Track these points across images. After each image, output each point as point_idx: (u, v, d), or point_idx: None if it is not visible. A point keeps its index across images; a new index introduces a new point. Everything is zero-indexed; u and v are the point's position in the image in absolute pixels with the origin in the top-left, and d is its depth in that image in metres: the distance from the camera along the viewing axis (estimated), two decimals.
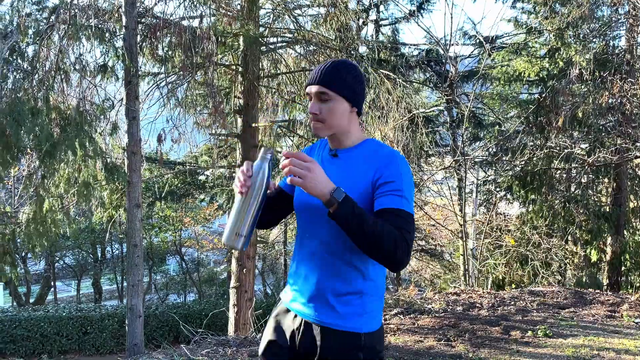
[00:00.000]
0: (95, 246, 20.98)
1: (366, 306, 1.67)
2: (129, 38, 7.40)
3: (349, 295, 1.65)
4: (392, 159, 1.64)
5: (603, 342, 4.97)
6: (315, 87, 1.67)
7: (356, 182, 1.64)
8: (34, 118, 6.33)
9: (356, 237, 1.50)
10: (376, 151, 1.69)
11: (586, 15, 8.88)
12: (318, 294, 1.67)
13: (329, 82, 1.66)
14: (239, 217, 1.55)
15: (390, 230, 1.50)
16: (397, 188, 1.59)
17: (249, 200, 1.54)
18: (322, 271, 1.67)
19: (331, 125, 1.69)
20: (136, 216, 7.59)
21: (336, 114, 1.67)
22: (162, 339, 11.98)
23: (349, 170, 1.69)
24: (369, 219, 1.48)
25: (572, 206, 10.57)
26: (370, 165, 1.64)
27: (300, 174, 1.47)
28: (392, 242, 1.48)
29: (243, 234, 1.55)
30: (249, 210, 1.55)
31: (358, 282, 1.65)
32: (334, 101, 1.67)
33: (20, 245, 13.32)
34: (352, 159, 1.70)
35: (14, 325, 11.89)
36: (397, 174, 1.61)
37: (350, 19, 9.09)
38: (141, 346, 7.59)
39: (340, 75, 1.68)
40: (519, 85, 12.99)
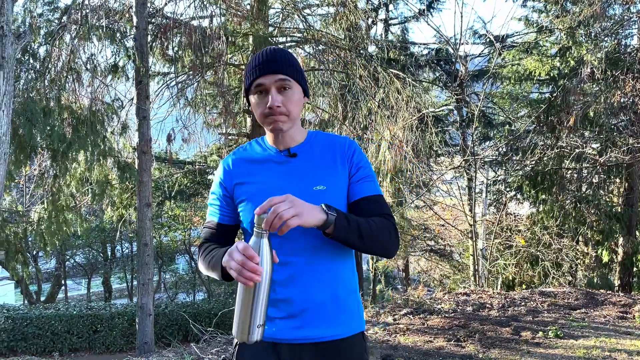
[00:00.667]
0: (106, 245, 21.13)
1: (359, 302, 1.59)
2: (139, 38, 7.44)
3: (348, 296, 1.54)
4: (353, 146, 1.59)
5: (615, 344, 4.93)
6: (273, 76, 1.48)
7: (334, 177, 1.53)
8: (46, 118, 6.39)
9: (355, 244, 1.43)
10: (331, 141, 1.59)
11: (598, 14, 8.80)
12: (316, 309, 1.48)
13: (286, 68, 1.50)
14: (255, 307, 1.29)
15: (382, 223, 1.46)
16: (368, 174, 1.56)
17: (262, 286, 1.29)
18: (316, 283, 1.48)
19: (294, 117, 1.53)
20: (146, 215, 7.63)
21: (298, 102, 1.53)
22: (171, 338, 12.03)
23: (315, 167, 1.54)
24: (362, 224, 1.41)
25: (583, 206, 10.48)
26: (336, 156, 1.55)
27: (291, 214, 1.27)
28: (387, 235, 1.46)
29: (260, 322, 1.31)
30: (263, 296, 1.30)
31: (351, 280, 1.56)
32: (293, 90, 1.51)
33: (32, 243, 13.45)
34: (313, 154, 1.56)
35: (25, 323, 12.00)
36: (364, 159, 1.57)
37: (360, 18, 9.07)
38: (151, 344, 7.64)
39: (290, 59, 1.53)
40: (530, 84, 12.91)
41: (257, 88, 1.50)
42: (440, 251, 14.77)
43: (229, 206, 1.59)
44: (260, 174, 1.54)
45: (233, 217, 1.59)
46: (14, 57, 3.65)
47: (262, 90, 1.49)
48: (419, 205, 13.62)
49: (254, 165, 1.57)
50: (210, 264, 1.47)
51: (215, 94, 9.41)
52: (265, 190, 1.50)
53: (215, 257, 1.45)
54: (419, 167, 9.23)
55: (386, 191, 10.03)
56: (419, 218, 14.53)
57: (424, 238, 14.38)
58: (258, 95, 1.51)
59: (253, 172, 1.56)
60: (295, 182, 1.51)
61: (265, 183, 1.52)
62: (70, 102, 7.38)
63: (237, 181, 1.56)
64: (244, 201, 1.53)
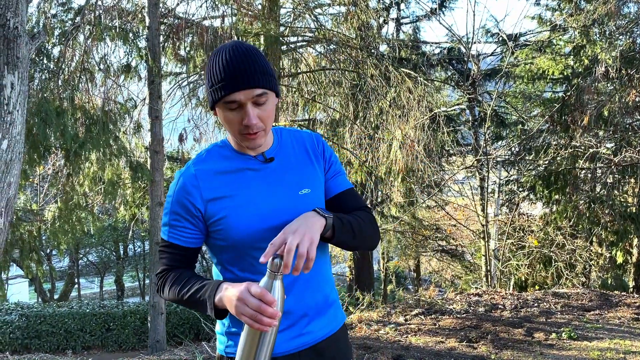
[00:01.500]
0: (118, 244, 21.32)
1: (337, 291, 1.59)
2: (151, 38, 7.49)
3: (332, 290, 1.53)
4: (321, 140, 1.54)
5: (629, 346, 4.87)
6: (249, 91, 1.27)
7: (314, 178, 1.46)
8: (60, 117, 6.45)
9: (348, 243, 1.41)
10: (299, 138, 1.51)
11: (612, 12, 8.69)
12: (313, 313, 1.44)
13: (262, 79, 1.29)
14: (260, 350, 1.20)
15: (366, 217, 1.47)
16: (339, 168, 1.54)
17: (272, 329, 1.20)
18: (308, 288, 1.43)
19: (269, 129, 1.37)
20: (159, 214, 7.68)
21: (272, 114, 1.35)
22: (183, 336, 12.09)
23: (294, 169, 1.44)
24: (352, 222, 1.39)
25: (597, 207, 10.36)
26: (310, 154, 1.49)
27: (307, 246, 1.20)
28: (372, 229, 1.48)
29: None
30: (271, 338, 1.21)
31: (330, 272, 1.54)
32: (270, 100, 1.33)
33: (46, 242, 13.60)
34: (288, 156, 1.46)
35: (39, 321, 12.14)
36: (333, 152, 1.54)
37: (371, 17, 9.06)
38: (163, 343, 7.68)
39: (263, 64, 1.31)
40: (543, 83, 12.78)
41: (228, 104, 1.29)
42: (451, 251, 14.69)
43: (196, 227, 1.38)
44: (238, 185, 1.37)
45: (200, 238, 1.40)
46: (28, 57, 3.68)
47: (235, 106, 1.29)
48: (431, 205, 13.56)
49: (226, 176, 1.38)
50: (189, 298, 1.33)
51: None
52: (248, 202, 1.36)
53: (195, 291, 1.32)
54: (431, 166, 9.19)
55: (397, 191, 10.00)
56: (430, 218, 14.46)
57: (435, 238, 14.31)
58: (230, 112, 1.30)
59: (228, 184, 1.37)
60: (279, 189, 1.39)
61: (246, 195, 1.36)
62: (83, 102, 7.45)
63: (210, 197, 1.36)
64: (223, 218, 1.35)
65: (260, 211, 1.36)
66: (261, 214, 1.36)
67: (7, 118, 3.47)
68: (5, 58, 3.48)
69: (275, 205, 1.37)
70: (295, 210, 1.35)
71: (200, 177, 1.37)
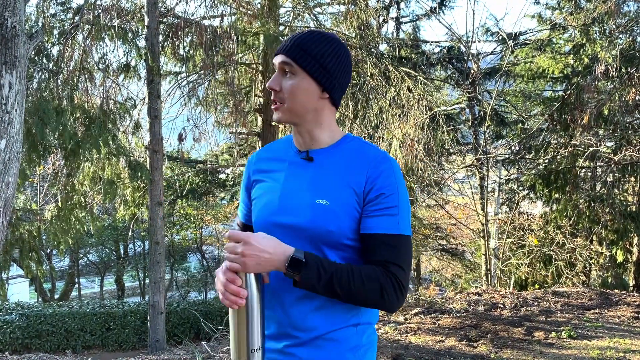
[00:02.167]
0: (118, 243, 21.31)
1: (362, 337, 1.35)
2: (151, 38, 7.48)
3: (344, 329, 1.33)
4: (386, 165, 1.31)
5: (629, 344, 4.86)
6: (279, 57, 1.33)
7: (342, 193, 1.31)
8: (59, 117, 6.44)
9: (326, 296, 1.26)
10: (363, 152, 1.35)
11: (612, 11, 8.68)
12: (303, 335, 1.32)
13: (295, 53, 1.31)
14: (248, 331, 1.24)
15: (371, 276, 1.23)
16: (392, 204, 1.29)
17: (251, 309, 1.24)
18: (306, 306, 1.31)
19: (292, 109, 1.33)
20: (158, 214, 7.68)
21: (298, 94, 1.32)
22: (183, 336, 12.10)
23: (329, 178, 1.33)
24: (340, 279, 1.21)
25: (597, 205, 10.35)
26: (358, 171, 1.31)
27: (238, 263, 1.20)
28: (376, 291, 1.23)
29: (256, 346, 1.25)
30: (254, 319, 1.24)
31: (353, 312, 1.34)
32: (297, 77, 1.32)
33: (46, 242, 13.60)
34: (331, 162, 1.35)
35: (39, 320, 12.14)
36: (393, 185, 1.30)
37: (371, 16, 9.04)
38: (163, 342, 7.68)
39: (311, 46, 1.32)
40: (543, 82, 12.77)
41: (273, 66, 1.38)
42: (451, 250, 14.69)
43: (249, 203, 1.50)
44: (275, 173, 1.42)
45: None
46: (26, 56, 3.67)
47: (275, 70, 1.37)
48: (431, 204, 13.55)
49: (273, 163, 1.44)
50: None
51: (226, 93, 9.44)
52: (271, 193, 1.39)
53: None
54: (431, 165, 9.18)
55: None
56: (430, 217, 14.46)
57: (435, 237, 14.30)
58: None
59: (271, 169, 1.43)
60: (299, 191, 1.35)
61: (273, 185, 1.40)
62: (82, 101, 7.44)
63: (255, 178, 1.47)
64: (254, 199, 1.44)
65: (273, 204, 1.38)
66: (273, 207, 1.38)
67: (5, 118, 3.46)
68: (3, 57, 3.47)
69: (288, 204, 1.36)
70: (304, 216, 1.32)
71: (258, 158, 1.49)
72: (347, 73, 1.37)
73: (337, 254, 1.31)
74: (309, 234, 1.31)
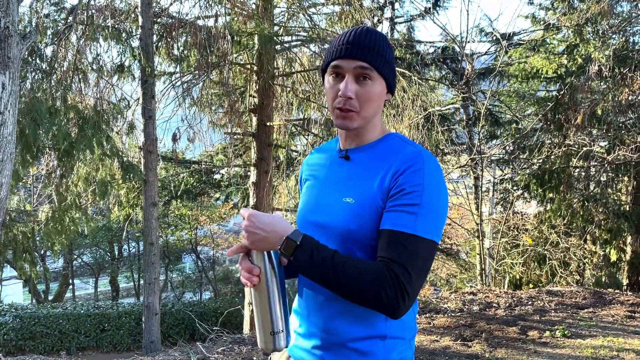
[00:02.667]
0: (113, 244, 21.23)
1: (391, 353, 1.28)
2: (145, 38, 7.46)
3: (369, 340, 1.27)
4: (416, 161, 1.23)
5: (623, 343, 4.89)
6: (353, 62, 1.25)
7: (365, 192, 1.27)
8: (52, 118, 6.42)
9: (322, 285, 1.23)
10: (397, 150, 1.29)
11: (605, 11, 8.72)
12: (327, 338, 1.31)
13: (372, 57, 1.26)
14: (266, 313, 1.26)
15: (368, 270, 1.16)
16: (412, 202, 1.19)
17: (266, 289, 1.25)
18: (332, 307, 1.30)
19: (365, 116, 1.29)
20: (152, 215, 7.65)
21: (374, 100, 1.28)
22: (178, 337, 12.06)
23: (359, 176, 1.31)
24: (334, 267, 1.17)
25: (591, 205, 10.40)
26: (387, 167, 1.26)
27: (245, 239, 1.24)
28: (372, 287, 1.15)
29: (278, 329, 1.25)
30: (271, 298, 1.25)
31: (379, 321, 1.27)
32: (374, 82, 1.27)
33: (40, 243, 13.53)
34: (366, 160, 1.32)
35: (33, 322, 12.08)
36: (419, 182, 1.21)
37: (365, 17, 9.05)
38: (158, 343, 7.66)
39: (379, 45, 1.27)
40: (537, 82, 12.82)
41: (333, 69, 1.29)
42: (446, 250, 14.72)
43: None
44: (318, 173, 1.43)
45: None
46: (19, 57, 3.66)
47: (338, 73, 1.29)
48: None
49: (320, 162, 1.45)
50: None
51: (221, 93, 9.42)
52: (310, 192, 1.43)
53: None
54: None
55: None
56: None
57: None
58: (333, 78, 1.30)
59: (316, 169, 1.45)
60: (332, 190, 1.35)
61: (314, 184, 1.43)
62: (76, 102, 7.41)
63: (305, 177, 1.49)
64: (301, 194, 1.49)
65: (309, 203, 1.40)
66: (309, 206, 1.40)
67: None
68: None
69: (321, 203, 1.37)
70: (332, 214, 1.31)
71: (311, 156, 1.51)
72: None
73: (366, 256, 1.26)
74: (336, 233, 1.29)
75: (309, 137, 9.89)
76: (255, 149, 9.30)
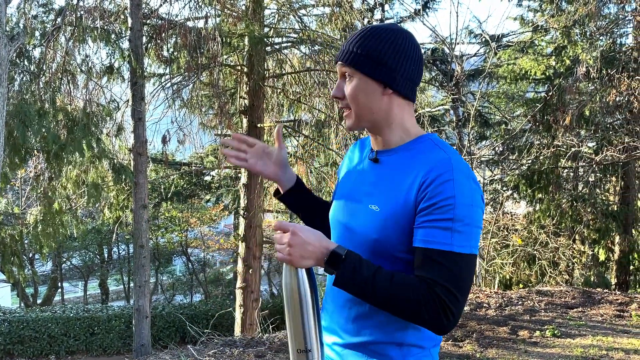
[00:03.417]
0: (102, 247, 21.08)
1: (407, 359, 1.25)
2: (134, 39, 7.41)
3: (386, 345, 1.25)
4: (445, 170, 1.17)
5: (612, 342, 4.93)
6: (337, 64, 1.31)
7: (391, 201, 1.22)
8: (40, 119, 6.36)
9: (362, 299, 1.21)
10: (427, 155, 1.23)
11: (593, 13, 8.81)
12: (346, 338, 1.31)
13: (347, 55, 1.28)
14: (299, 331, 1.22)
15: (410, 290, 1.14)
16: (445, 216, 1.14)
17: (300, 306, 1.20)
18: (351, 310, 1.29)
19: (358, 113, 1.29)
20: (142, 217, 7.61)
21: (359, 96, 1.26)
22: (168, 340, 12.01)
23: (386, 182, 1.26)
24: (376, 284, 1.15)
25: (579, 205, 10.50)
26: (415, 175, 1.20)
27: (284, 254, 1.17)
28: (412, 307, 1.13)
29: (311, 347, 1.22)
30: (307, 317, 1.21)
31: (396, 329, 1.25)
32: (355, 79, 1.27)
33: (28, 246, 13.41)
34: (394, 166, 1.27)
35: (22, 326, 11.96)
36: (449, 194, 1.14)
37: (356, 18, 9.07)
38: (148, 347, 7.61)
39: (363, 43, 1.26)
40: (526, 83, 12.93)
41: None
42: None
43: None
44: (352, 170, 1.43)
45: None
46: (7, 59, 3.63)
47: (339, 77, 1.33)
48: None
49: (358, 157, 1.44)
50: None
51: (211, 94, 9.40)
52: (342, 190, 1.42)
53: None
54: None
55: None
56: None
57: None
58: None
59: (352, 165, 1.45)
60: (356, 193, 1.33)
61: (346, 183, 1.42)
62: (65, 104, 7.36)
63: (343, 167, 1.50)
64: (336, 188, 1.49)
65: (340, 203, 1.40)
66: (340, 205, 1.39)
67: None
68: None
69: (349, 206, 1.35)
70: (357, 220, 1.30)
71: (352, 150, 1.49)
72: (412, 61, 1.27)
73: (393, 266, 1.22)
74: (361, 240, 1.27)
75: (299, 139, 9.89)
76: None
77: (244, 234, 9.33)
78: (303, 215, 1.58)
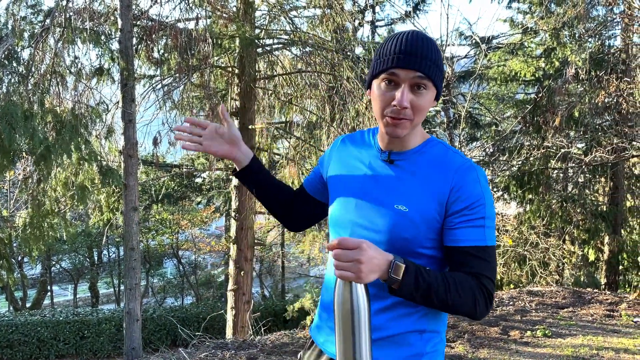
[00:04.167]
0: (92, 250, 20.92)
1: (426, 346, 1.32)
2: (124, 41, 7.36)
3: (409, 334, 1.31)
4: (472, 175, 1.27)
5: (602, 342, 4.97)
6: (411, 72, 1.24)
7: (420, 202, 1.28)
8: (28, 121, 6.29)
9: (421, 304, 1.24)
10: (447, 159, 1.31)
11: (582, 15, 8.89)
12: None
13: (429, 67, 1.25)
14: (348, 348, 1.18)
15: (465, 286, 1.22)
16: (479, 216, 1.26)
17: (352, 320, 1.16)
18: (374, 306, 1.30)
19: (416, 124, 1.30)
20: (133, 219, 7.55)
21: (427, 109, 1.29)
22: (159, 343, 11.94)
23: (410, 183, 1.31)
24: (438, 288, 1.19)
25: (569, 206, 10.57)
26: (442, 179, 1.28)
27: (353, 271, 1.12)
28: (469, 302, 1.22)
29: None
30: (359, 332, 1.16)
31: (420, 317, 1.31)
32: (428, 92, 1.27)
33: (17, 249, 13.28)
34: (413, 167, 1.32)
35: (11, 330, 11.83)
36: (480, 196, 1.26)
37: (346, 20, 9.08)
38: (139, 350, 7.55)
39: (434, 55, 1.27)
40: (515, 85, 13.02)
41: (388, 76, 1.26)
42: None
43: (318, 180, 1.58)
44: (356, 169, 1.41)
45: (316, 191, 1.60)
46: None
47: (392, 80, 1.26)
48: None
49: (356, 156, 1.43)
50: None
51: (202, 96, 9.36)
52: (350, 190, 1.39)
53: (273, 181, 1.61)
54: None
55: None
56: None
57: None
58: (385, 87, 1.27)
59: (352, 163, 1.43)
60: (379, 193, 1.33)
61: (352, 181, 1.40)
62: (54, 105, 7.29)
63: (334, 163, 1.49)
64: (331, 185, 1.48)
65: (351, 203, 1.38)
66: (351, 205, 1.38)
67: None
68: None
69: (367, 206, 1.34)
70: (381, 220, 1.30)
71: (343, 144, 1.50)
72: None
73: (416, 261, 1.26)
74: (383, 239, 1.28)
75: (291, 140, 9.88)
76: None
77: (236, 236, 9.30)
78: (257, 192, 1.62)
